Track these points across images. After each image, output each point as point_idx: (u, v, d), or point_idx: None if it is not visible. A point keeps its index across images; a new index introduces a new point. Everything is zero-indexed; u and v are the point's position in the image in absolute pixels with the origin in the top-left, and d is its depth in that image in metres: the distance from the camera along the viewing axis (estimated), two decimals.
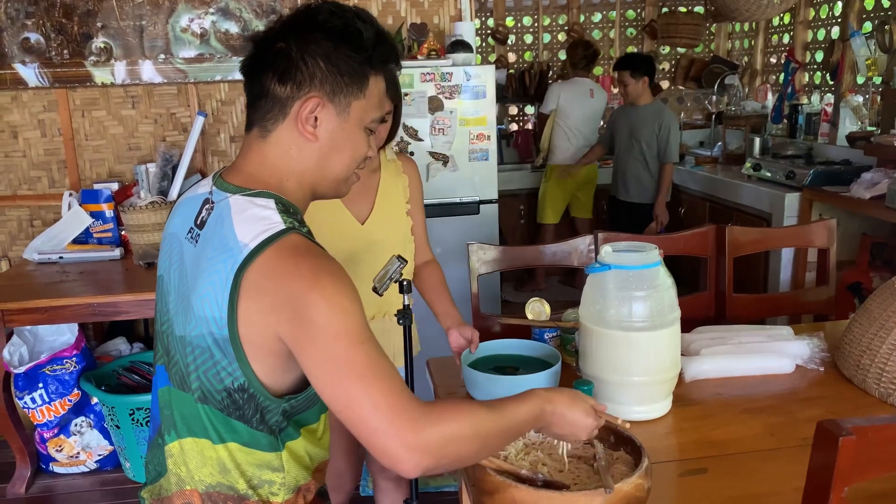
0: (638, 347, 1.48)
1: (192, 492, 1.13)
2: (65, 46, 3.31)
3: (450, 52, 3.19)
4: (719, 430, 1.48)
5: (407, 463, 0.94)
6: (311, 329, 0.96)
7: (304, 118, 1.07)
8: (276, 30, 1.10)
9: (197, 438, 1.11)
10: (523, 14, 5.13)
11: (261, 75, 1.09)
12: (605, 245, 1.53)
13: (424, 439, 0.94)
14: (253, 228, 1.01)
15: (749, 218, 3.71)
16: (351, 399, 0.95)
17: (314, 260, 1.00)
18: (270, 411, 1.09)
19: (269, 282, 0.98)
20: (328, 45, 1.07)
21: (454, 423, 0.98)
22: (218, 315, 1.01)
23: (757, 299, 2.48)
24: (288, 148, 1.10)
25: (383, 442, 0.94)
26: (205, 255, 1.05)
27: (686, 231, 2.38)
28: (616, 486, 1.09)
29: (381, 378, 0.96)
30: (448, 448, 0.97)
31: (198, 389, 1.07)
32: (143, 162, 3.34)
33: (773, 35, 4.79)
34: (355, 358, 0.96)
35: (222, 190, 1.09)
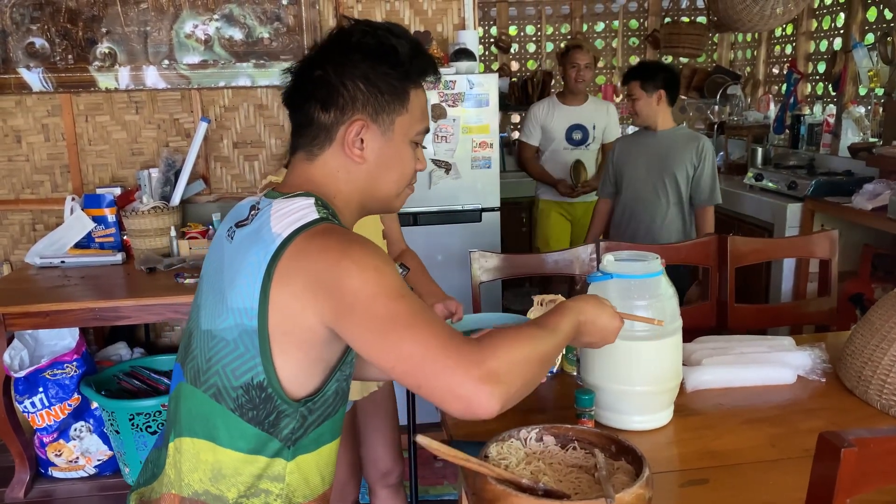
0: (639, 357, 1.48)
1: (174, 497, 1.11)
2: (69, 51, 3.32)
3: (453, 60, 3.20)
4: (720, 440, 1.48)
5: (481, 397, 0.91)
6: (349, 296, 0.96)
7: (351, 142, 1.09)
8: (313, 57, 1.11)
9: (196, 439, 1.09)
10: (526, 23, 5.15)
11: (303, 104, 1.11)
12: (607, 254, 1.53)
13: (489, 369, 0.92)
14: (287, 220, 1.03)
15: (751, 228, 3.72)
16: (402, 350, 0.93)
17: (341, 235, 1.02)
18: (287, 416, 1.08)
19: (300, 264, 0.99)
20: (365, 66, 1.08)
21: (511, 348, 0.97)
22: (249, 305, 1.01)
23: (758, 309, 2.48)
24: (336, 171, 1.12)
25: (448, 384, 0.91)
26: (241, 250, 1.06)
27: (686, 241, 2.38)
28: (617, 496, 1.09)
29: (428, 324, 0.95)
30: (514, 372, 0.95)
31: (213, 386, 1.07)
32: (145, 167, 3.34)
33: (776, 46, 4.81)
34: (397, 311, 0.95)
35: (269, 198, 1.11)
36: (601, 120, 3.87)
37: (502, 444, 1.30)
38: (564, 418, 1.48)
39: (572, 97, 3.84)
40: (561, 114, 3.86)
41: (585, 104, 3.86)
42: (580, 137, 3.86)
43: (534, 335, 1.03)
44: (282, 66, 3.43)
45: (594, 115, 3.87)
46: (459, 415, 0.94)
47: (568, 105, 3.85)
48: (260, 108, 3.45)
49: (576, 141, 3.86)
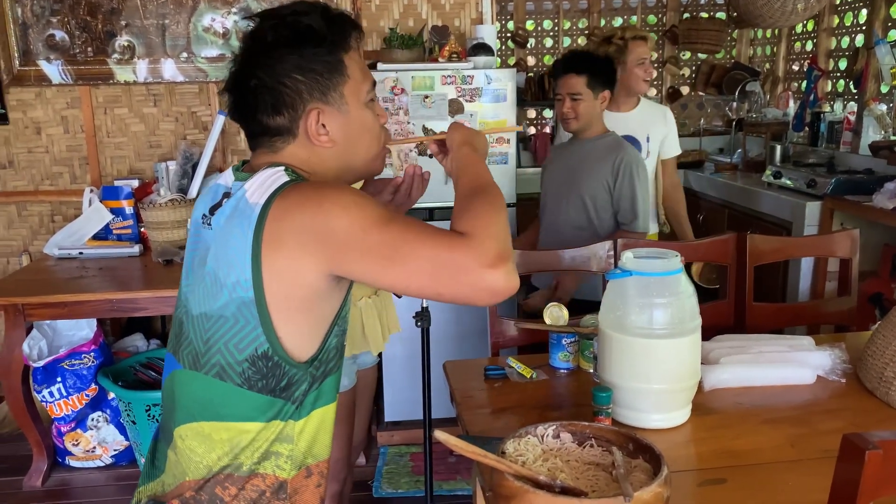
0: (658, 355, 1.47)
1: (191, 483, 1.12)
2: (89, 44, 3.34)
3: (471, 54, 3.18)
4: (739, 440, 1.47)
5: (500, 280, 0.96)
6: (341, 235, 0.99)
7: (315, 131, 1.11)
8: (240, 70, 1.11)
9: (203, 422, 1.10)
10: (543, 17, 5.12)
11: (254, 116, 1.12)
12: (626, 251, 1.52)
13: (491, 253, 0.97)
14: (261, 189, 1.05)
15: (768, 226, 3.68)
16: (410, 269, 0.97)
17: (313, 185, 1.06)
18: (297, 380, 1.10)
19: (284, 224, 1.01)
20: (294, 57, 1.08)
21: (490, 221, 1.01)
22: (243, 277, 1.03)
23: (777, 308, 2.46)
24: (307, 158, 1.14)
25: (468, 282, 0.96)
26: (223, 230, 1.08)
27: (706, 238, 2.36)
28: (635, 494, 1.08)
29: (424, 235, 0.98)
30: (505, 242, 1.01)
31: (216, 365, 1.08)
32: (163, 160, 3.36)
33: (796, 42, 4.76)
34: (391, 235, 0.98)
35: (240, 180, 1.12)
36: (658, 129, 2.95)
37: (519, 441, 1.30)
38: (581, 416, 1.48)
39: (623, 100, 2.90)
40: (606, 122, 2.76)
41: (636, 109, 2.94)
42: None
43: (493, 199, 1.07)
44: None
45: (649, 123, 2.92)
46: (488, 302, 1.00)
47: (613, 111, 2.84)
48: None
49: None
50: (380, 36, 3.45)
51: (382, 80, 3.05)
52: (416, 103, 3.10)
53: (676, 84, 5.26)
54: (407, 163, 3.17)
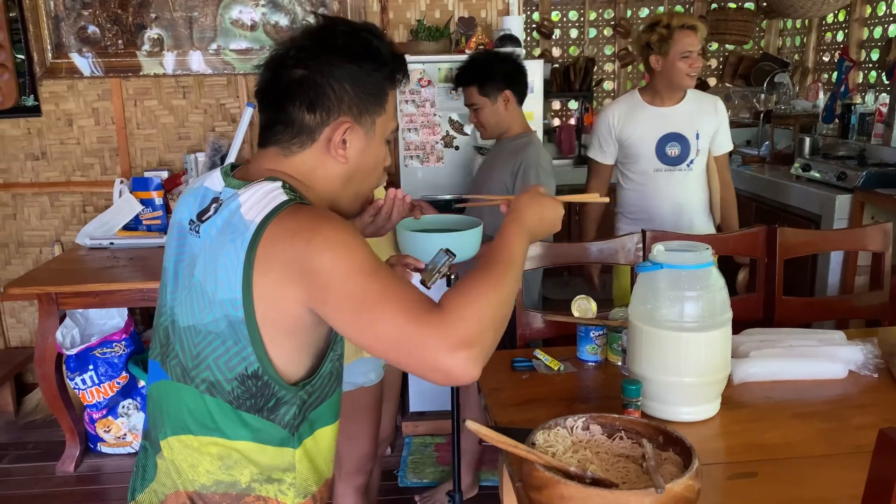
0: (688, 348, 1.47)
1: (181, 494, 1.10)
2: (119, 37, 3.38)
3: (497, 46, 3.18)
4: (769, 433, 1.46)
5: (458, 366, 0.93)
6: (323, 277, 0.96)
7: (337, 143, 1.10)
8: (293, 55, 1.09)
9: (192, 435, 1.09)
10: (569, 8, 5.09)
11: (285, 103, 1.09)
12: (657, 244, 1.52)
13: (460, 336, 0.93)
14: (258, 206, 1.03)
15: (797, 219, 3.64)
16: (377, 331, 0.95)
17: (311, 214, 1.02)
18: (286, 403, 1.08)
19: (275, 250, 0.99)
20: (352, 68, 1.09)
21: (477, 303, 0.97)
22: (233, 296, 1.01)
23: (807, 302, 2.44)
24: (313, 169, 1.12)
25: (426, 359, 0.93)
26: (214, 242, 1.05)
27: (735, 232, 2.34)
28: (667, 486, 1.08)
29: (398, 298, 0.95)
30: (485, 331, 0.96)
31: (205, 381, 1.06)
32: (192, 151, 3.40)
33: (827, 32, 4.68)
34: (369, 288, 0.96)
35: (232, 187, 1.09)
36: (708, 123, 2.69)
37: (549, 432, 1.31)
38: (609, 408, 1.47)
39: (666, 94, 2.66)
40: (647, 118, 2.68)
41: (683, 103, 2.68)
42: (678, 153, 2.66)
43: (495, 279, 1.02)
44: None
45: (697, 118, 2.67)
46: (443, 384, 0.96)
47: (656, 105, 2.67)
48: None
49: (672, 159, 2.66)
50: (407, 28, 3.45)
51: (409, 72, 3.06)
52: (443, 95, 3.10)
53: (703, 76, 5.21)
54: (434, 154, 3.18)
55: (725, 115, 2.77)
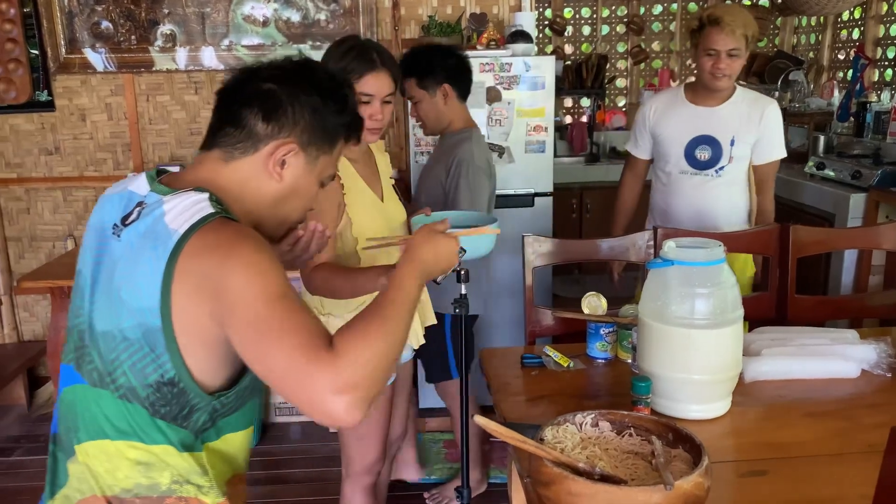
0: (699, 345, 1.46)
1: (98, 499, 1.10)
2: (132, 32, 3.40)
3: (509, 42, 3.17)
4: (780, 432, 1.45)
5: (341, 410, 0.94)
6: (231, 297, 0.97)
7: (276, 159, 1.12)
8: (269, 72, 1.14)
9: (109, 440, 1.08)
10: (582, 5, 5.07)
11: (242, 106, 1.12)
12: (668, 241, 1.51)
13: (346, 381, 0.94)
14: (183, 216, 1.03)
15: (810, 218, 3.61)
16: (269, 362, 0.96)
17: (233, 231, 1.03)
18: (199, 409, 1.09)
19: (195, 261, 1.00)
20: (317, 100, 1.14)
21: (368, 345, 0.98)
22: (152, 304, 1.01)
23: (820, 301, 2.42)
24: (248, 179, 1.13)
25: (311, 399, 0.94)
26: (135, 248, 1.05)
27: (747, 229, 2.33)
28: (676, 483, 1.08)
29: (297, 331, 0.96)
30: (373, 374, 0.98)
31: (122, 386, 1.06)
32: None
33: (842, 30, 4.64)
34: (273, 316, 0.96)
35: (158, 192, 1.09)
36: (750, 130, 2.47)
37: (558, 428, 1.30)
38: (618, 405, 1.47)
39: (705, 92, 2.50)
40: (682, 116, 2.52)
41: (726, 104, 2.48)
42: (707, 157, 2.48)
43: (390, 322, 1.04)
44: None
45: (737, 122, 2.47)
46: (322, 422, 0.98)
47: (696, 104, 2.51)
48: None
49: (700, 163, 2.49)
50: (418, 24, 3.45)
51: None
52: None
53: None
54: None
55: (776, 121, 2.51)
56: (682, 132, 2.51)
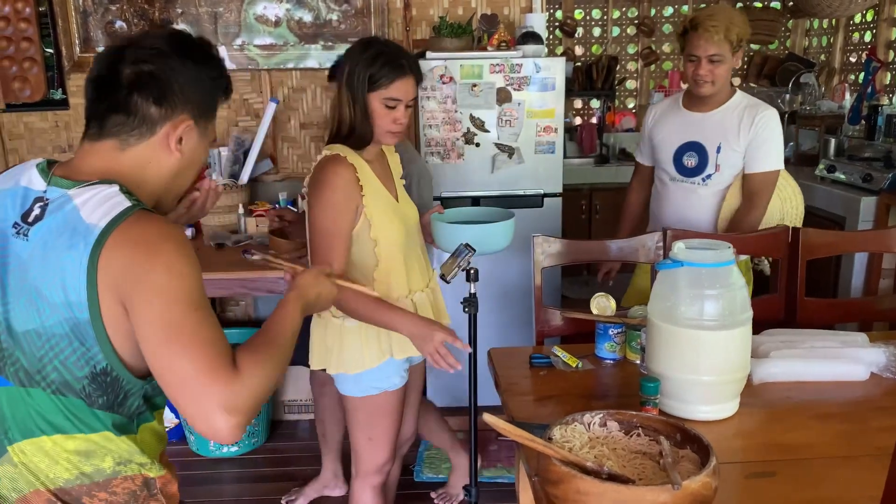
0: (708, 346, 1.46)
1: (41, 493, 1.12)
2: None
3: (520, 43, 3.17)
4: (788, 434, 1.45)
5: (224, 431, 0.99)
6: (149, 292, 1.01)
7: (175, 138, 1.14)
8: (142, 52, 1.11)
9: (45, 437, 1.10)
10: (592, 6, 5.07)
11: (130, 93, 1.10)
12: (677, 242, 1.52)
13: (237, 404, 1.00)
14: (100, 210, 1.04)
15: (821, 221, 3.60)
16: (173, 365, 1.00)
17: (155, 229, 1.05)
18: (133, 395, 1.13)
19: (118, 254, 1.02)
20: (197, 71, 1.15)
21: (262, 371, 1.05)
22: (76, 299, 1.03)
23: (829, 304, 2.42)
24: (147, 161, 1.14)
25: (201, 412, 0.99)
26: (50, 245, 1.05)
27: (757, 231, 2.33)
28: (684, 483, 1.09)
29: (206, 343, 1.01)
30: (258, 399, 1.04)
31: (54, 381, 1.08)
32: (216, 146, 3.43)
33: (854, 33, 4.62)
34: (185, 323, 1.00)
35: (59, 187, 1.09)
36: (737, 137, 2.37)
37: (566, 428, 1.31)
38: (626, 406, 1.47)
39: (697, 97, 2.43)
40: (675, 122, 2.49)
41: (718, 109, 2.41)
42: (694, 165, 2.43)
43: (280, 346, 1.12)
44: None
45: (725, 129, 2.39)
46: (204, 435, 1.01)
47: (690, 110, 2.47)
48: (327, 90, 3.49)
49: (687, 170, 2.45)
50: (429, 24, 3.46)
51: (432, 69, 3.06)
52: (465, 92, 3.10)
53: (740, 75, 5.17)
54: (455, 150, 3.18)
55: (769, 129, 2.36)
56: (672, 138, 2.48)
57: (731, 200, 2.41)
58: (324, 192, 1.76)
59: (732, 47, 2.31)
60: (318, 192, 1.76)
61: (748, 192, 2.38)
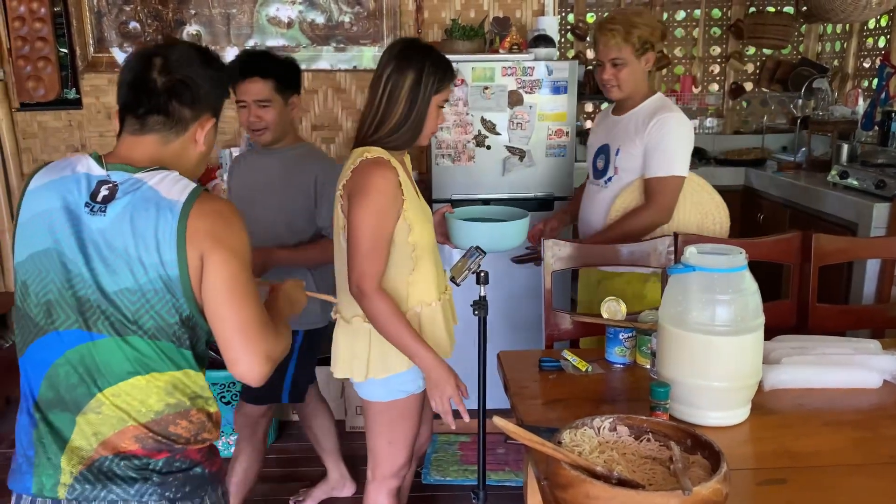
0: (719, 352, 1.46)
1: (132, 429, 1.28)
2: (159, 32, 3.44)
3: (532, 46, 3.18)
4: (800, 441, 1.45)
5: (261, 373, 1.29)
6: (227, 251, 1.26)
7: (201, 133, 1.36)
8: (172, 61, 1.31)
9: (141, 375, 1.28)
10: (604, 10, 5.06)
11: (169, 98, 1.30)
12: (689, 246, 1.51)
13: (276, 353, 1.31)
14: (176, 188, 1.27)
15: (832, 227, 3.58)
16: (240, 311, 1.26)
17: (226, 204, 1.34)
18: (201, 338, 1.36)
19: (202, 221, 1.26)
20: (214, 74, 1.36)
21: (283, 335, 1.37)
22: (169, 258, 1.24)
23: (841, 311, 2.40)
24: (181, 154, 1.36)
25: (248, 357, 1.27)
26: (137, 217, 1.25)
27: (769, 237, 2.31)
28: (694, 489, 1.08)
29: (258, 303, 1.30)
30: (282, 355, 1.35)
31: (150, 329, 1.27)
32: (227, 146, 3.45)
33: (868, 38, 4.60)
34: (248, 282, 1.29)
35: (122, 171, 1.28)
36: (634, 140, 2.33)
37: (575, 432, 1.31)
38: (636, 411, 1.47)
39: (618, 104, 2.47)
40: (599, 126, 2.56)
41: (629, 114, 2.39)
42: (602, 167, 2.45)
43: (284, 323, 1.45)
44: (361, 50, 3.48)
45: (627, 133, 2.37)
46: (240, 378, 1.30)
47: (613, 114, 2.49)
48: (338, 92, 3.50)
49: (597, 172, 2.48)
50: (441, 27, 3.46)
51: None
52: (476, 94, 3.10)
53: (740, 80, 5.15)
54: (465, 153, 3.18)
55: (665, 134, 2.27)
56: (593, 141, 2.54)
57: (620, 203, 2.37)
58: (372, 197, 1.71)
59: (635, 50, 2.29)
60: (366, 196, 1.71)
61: (646, 197, 2.33)
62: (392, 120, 1.77)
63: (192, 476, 1.32)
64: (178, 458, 1.32)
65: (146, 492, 1.27)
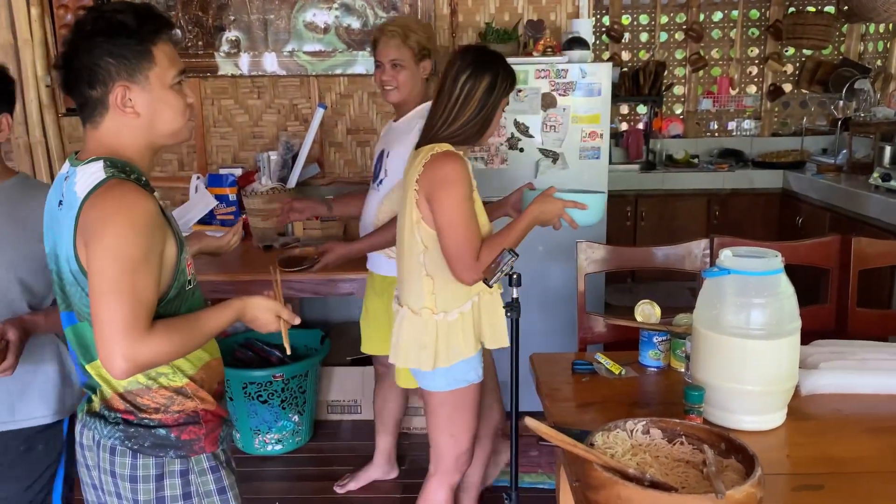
0: (754, 355, 1.44)
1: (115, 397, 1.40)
2: (200, 38, 3.51)
3: (566, 49, 3.17)
4: (837, 447, 1.43)
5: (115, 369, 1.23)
6: (99, 247, 1.25)
7: (121, 104, 1.33)
8: (67, 51, 1.35)
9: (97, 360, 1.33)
10: (640, 12, 5.03)
11: (76, 88, 1.34)
12: (724, 249, 1.50)
13: (137, 358, 1.23)
14: (84, 184, 1.30)
15: (874, 230, 3.51)
16: (102, 307, 1.23)
17: (120, 195, 1.28)
18: None
19: (86, 217, 1.28)
20: (107, 44, 1.32)
21: (165, 344, 1.27)
22: (70, 253, 1.31)
23: (882, 315, 2.36)
24: (119, 130, 1.36)
25: (107, 349, 1.23)
26: (61, 215, 1.34)
27: (807, 240, 2.28)
28: (728, 492, 1.08)
29: (130, 303, 1.23)
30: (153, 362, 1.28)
31: (87, 316, 1.32)
32: (265, 150, 3.50)
33: None
34: (120, 279, 1.23)
35: (74, 166, 1.35)
36: (401, 143, 2.37)
37: (608, 434, 1.31)
38: (669, 414, 1.47)
39: (395, 110, 2.54)
40: (383, 135, 2.64)
41: (403, 119, 2.47)
42: (378, 170, 2.54)
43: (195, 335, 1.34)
44: None
45: (397, 137, 2.44)
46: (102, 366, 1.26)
47: (393, 122, 2.57)
48: (373, 96, 3.54)
49: (374, 175, 2.56)
50: (475, 30, 3.48)
51: None
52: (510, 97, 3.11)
53: (778, 81, 5.07)
54: (498, 156, 3.20)
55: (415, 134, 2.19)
56: (376, 147, 2.61)
57: (388, 204, 2.42)
58: (457, 187, 1.84)
59: (414, 54, 2.38)
60: (451, 186, 1.84)
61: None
62: (463, 117, 1.91)
63: (155, 434, 1.40)
64: (146, 418, 1.41)
65: (114, 435, 1.39)
